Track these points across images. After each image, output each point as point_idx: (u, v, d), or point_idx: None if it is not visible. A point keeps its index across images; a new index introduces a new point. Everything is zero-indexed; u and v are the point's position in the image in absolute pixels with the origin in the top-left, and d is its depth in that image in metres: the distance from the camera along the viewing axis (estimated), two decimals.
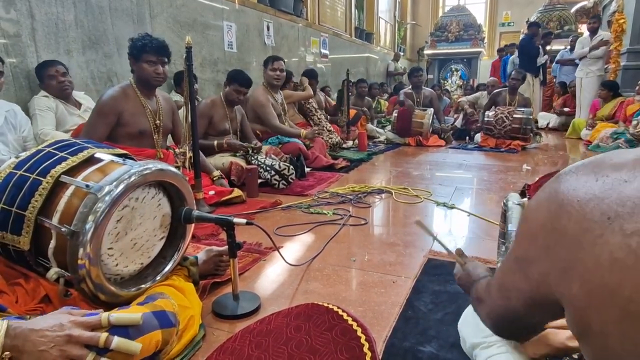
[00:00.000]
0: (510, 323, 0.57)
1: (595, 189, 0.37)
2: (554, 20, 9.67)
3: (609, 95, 5.21)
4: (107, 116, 2.09)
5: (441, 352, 1.09)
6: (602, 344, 0.36)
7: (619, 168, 0.37)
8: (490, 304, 0.61)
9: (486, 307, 0.63)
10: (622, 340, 0.34)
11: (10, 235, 0.99)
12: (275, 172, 2.87)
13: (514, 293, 0.51)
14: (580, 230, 0.37)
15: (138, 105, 2.18)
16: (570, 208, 0.38)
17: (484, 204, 2.62)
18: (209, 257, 1.44)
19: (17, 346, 0.73)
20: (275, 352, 0.87)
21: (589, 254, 0.36)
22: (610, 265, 0.34)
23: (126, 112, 2.13)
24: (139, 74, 2.17)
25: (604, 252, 0.34)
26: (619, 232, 0.33)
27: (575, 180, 0.40)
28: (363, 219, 2.22)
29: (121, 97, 2.13)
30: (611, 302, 0.34)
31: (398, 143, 5.15)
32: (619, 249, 0.33)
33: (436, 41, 11.28)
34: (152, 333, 0.90)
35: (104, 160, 1.10)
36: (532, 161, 4.03)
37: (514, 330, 0.60)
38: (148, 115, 2.22)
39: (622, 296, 0.33)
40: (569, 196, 0.39)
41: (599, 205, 0.36)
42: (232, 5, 4.45)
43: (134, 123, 2.16)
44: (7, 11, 2.40)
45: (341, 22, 7.82)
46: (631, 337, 0.33)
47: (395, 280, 1.52)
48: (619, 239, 0.33)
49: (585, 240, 0.36)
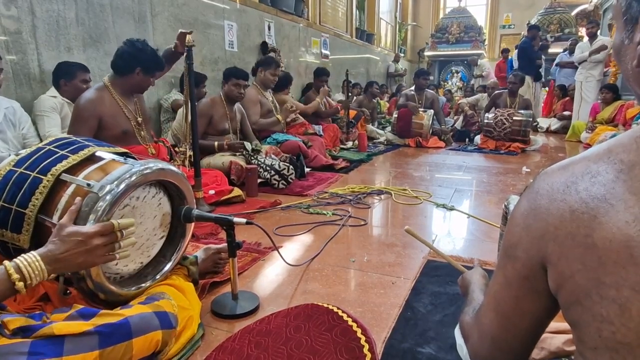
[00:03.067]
0: (507, 332, 0.57)
1: (562, 177, 0.48)
2: (554, 23, 9.69)
3: (611, 98, 5.23)
4: (88, 121, 2.04)
5: (440, 353, 1.09)
6: (572, 287, 0.45)
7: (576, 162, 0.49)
8: (485, 323, 0.60)
9: (478, 333, 0.62)
10: (585, 274, 0.44)
11: (10, 233, 0.99)
12: (275, 172, 2.86)
13: (506, 290, 0.55)
14: (549, 201, 0.48)
15: (115, 106, 2.14)
16: (544, 191, 0.49)
17: (484, 206, 2.62)
18: (208, 255, 1.44)
19: (56, 268, 0.86)
20: (274, 352, 0.87)
21: (555, 214, 0.47)
22: (570, 217, 0.45)
23: (105, 115, 2.08)
24: (137, 82, 2.14)
25: (566, 208, 0.46)
26: (575, 192, 0.46)
27: (547, 176, 0.51)
28: (362, 220, 2.22)
29: (98, 101, 2.08)
30: (572, 242, 0.45)
31: (398, 144, 5.15)
32: (575, 202, 0.45)
33: (437, 43, 11.29)
34: (153, 333, 0.91)
35: (105, 158, 1.10)
36: (531, 163, 4.03)
37: (510, 341, 0.58)
38: (128, 114, 2.18)
39: (580, 235, 0.44)
40: (543, 184, 0.50)
41: (565, 181, 0.48)
42: (234, 4, 4.45)
43: (116, 125, 2.12)
44: (7, 8, 2.40)
45: (342, 23, 7.82)
46: (589, 268, 0.43)
47: (395, 281, 1.52)
48: (574, 196, 0.45)
49: (552, 207, 0.47)
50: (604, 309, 0.43)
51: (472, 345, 0.63)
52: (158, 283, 1.17)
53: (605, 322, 0.43)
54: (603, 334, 0.43)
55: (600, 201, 0.43)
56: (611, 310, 0.42)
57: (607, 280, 0.42)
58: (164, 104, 3.50)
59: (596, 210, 0.43)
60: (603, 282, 0.42)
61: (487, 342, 0.60)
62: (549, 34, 9.21)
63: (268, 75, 3.62)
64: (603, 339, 0.43)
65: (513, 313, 0.55)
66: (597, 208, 0.43)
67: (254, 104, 3.54)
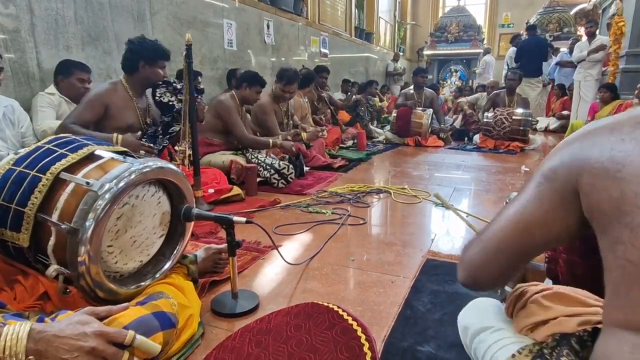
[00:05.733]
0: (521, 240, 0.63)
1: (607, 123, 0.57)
2: (553, 22, 9.70)
3: (610, 98, 5.23)
4: (94, 106, 2.11)
5: (440, 352, 1.10)
6: (600, 216, 0.53)
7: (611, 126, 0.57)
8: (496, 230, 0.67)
9: (482, 244, 0.69)
10: (610, 203, 0.51)
11: (10, 232, 0.99)
12: (275, 171, 2.87)
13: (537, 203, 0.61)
14: (594, 140, 0.56)
15: (127, 100, 2.20)
16: (589, 132, 0.58)
17: (483, 205, 2.63)
18: (208, 255, 1.43)
19: (40, 351, 0.73)
20: (275, 350, 0.87)
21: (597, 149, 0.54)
22: (609, 154, 0.53)
23: (113, 105, 2.15)
24: (146, 76, 2.20)
25: (607, 146, 0.53)
26: (619, 135, 0.53)
27: (595, 123, 0.59)
28: (362, 219, 2.22)
29: (110, 91, 2.16)
30: (605, 175, 0.52)
31: (397, 143, 5.15)
32: (616, 142, 0.53)
33: (436, 42, 11.30)
34: (154, 335, 0.90)
35: (104, 157, 1.10)
36: (530, 163, 4.04)
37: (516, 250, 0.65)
38: (137, 111, 2.25)
39: (613, 169, 0.52)
40: (590, 127, 0.59)
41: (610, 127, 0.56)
42: (233, 3, 4.44)
43: (122, 117, 2.18)
44: (6, 6, 2.39)
45: (341, 22, 7.82)
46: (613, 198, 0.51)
47: (394, 280, 1.52)
48: (617, 137, 0.53)
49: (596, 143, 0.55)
50: (619, 232, 0.50)
51: (469, 256, 0.71)
52: (157, 282, 1.17)
53: (619, 244, 0.50)
54: (617, 254, 0.51)
55: (637, 143, 0.51)
56: (624, 233, 0.50)
57: (626, 208, 0.50)
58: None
59: (632, 150, 0.51)
60: (624, 210, 0.50)
61: (489, 248, 0.67)
62: (547, 33, 9.21)
63: (280, 91, 3.47)
64: (616, 257, 0.51)
65: (535, 224, 0.61)
66: (633, 148, 0.51)
67: (269, 115, 3.46)
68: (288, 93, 3.49)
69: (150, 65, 2.18)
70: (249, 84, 3.03)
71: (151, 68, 2.19)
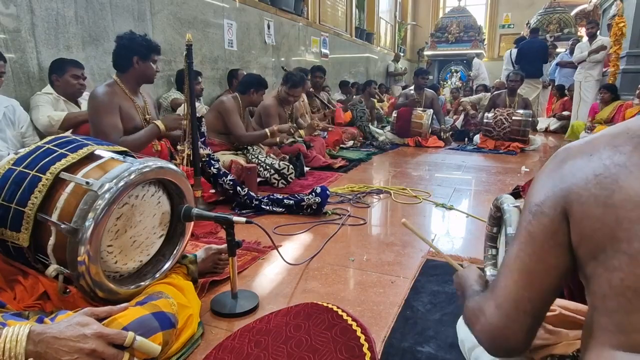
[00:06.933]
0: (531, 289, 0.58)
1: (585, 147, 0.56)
2: (553, 22, 9.69)
3: (610, 98, 5.23)
4: (114, 111, 2.05)
5: (439, 352, 1.10)
6: (591, 245, 0.51)
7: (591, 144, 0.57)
8: (505, 287, 0.60)
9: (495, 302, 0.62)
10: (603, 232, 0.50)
11: (10, 232, 0.99)
12: (275, 171, 2.87)
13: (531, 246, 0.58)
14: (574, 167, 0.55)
15: (128, 100, 2.16)
16: (569, 158, 0.56)
17: (483, 205, 2.62)
18: (208, 255, 1.43)
19: (40, 353, 0.73)
20: (274, 350, 0.87)
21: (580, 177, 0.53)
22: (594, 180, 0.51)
23: (122, 106, 2.11)
24: (141, 72, 2.14)
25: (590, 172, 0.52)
26: (598, 160, 0.52)
27: (571, 147, 0.58)
28: (362, 219, 2.22)
29: (114, 93, 2.10)
30: (595, 202, 0.51)
31: (397, 143, 5.15)
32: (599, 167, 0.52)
33: (436, 42, 11.30)
34: (154, 336, 0.90)
35: (104, 157, 1.10)
36: (530, 163, 4.04)
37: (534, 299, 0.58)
38: (137, 110, 2.20)
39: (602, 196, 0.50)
40: (567, 152, 0.57)
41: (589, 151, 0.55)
42: (233, 3, 4.44)
43: (129, 119, 2.13)
44: (6, 6, 2.39)
45: (342, 22, 7.82)
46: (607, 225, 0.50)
47: (394, 281, 1.52)
48: (598, 163, 0.52)
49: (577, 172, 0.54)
50: (616, 260, 0.49)
51: (486, 320, 0.62)
52: (157, 282, 1.17)
53: (616, 271, 0.48)
54: (613, 282, 0.49)
55: (621, 167, 0.50)
56: (622, 260, 0.48)
57: (621, 235, 0.48)
58: (164, 103, 3.50)
59: (617, 175, 0.50)
60: (618, 237, 0.48)
61: (506, 307, 0.60)
62: (548, 34, 9.21)
63: (285, 94, 3.47)
64: (612, 286, 0.49)
65: (537, 268, 0.58)
66: (619, 173, 0.50)
67: (272, 117, 3.43)
68: (293, 97, 3.49)
69: (144, 61, 2.12)
70: (256, 90, 3.03)
71: (145, 63, 2.13)
